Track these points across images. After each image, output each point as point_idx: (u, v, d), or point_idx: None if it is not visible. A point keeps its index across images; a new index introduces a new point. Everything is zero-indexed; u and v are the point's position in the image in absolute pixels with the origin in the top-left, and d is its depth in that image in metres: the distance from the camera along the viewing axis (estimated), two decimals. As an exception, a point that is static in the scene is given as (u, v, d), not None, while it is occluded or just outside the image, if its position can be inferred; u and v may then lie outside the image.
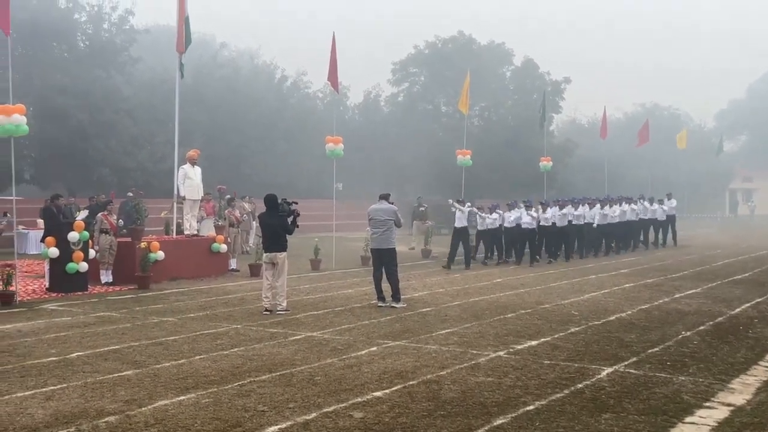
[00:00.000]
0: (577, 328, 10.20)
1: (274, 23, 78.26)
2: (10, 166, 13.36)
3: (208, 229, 18.65)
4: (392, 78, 45.11)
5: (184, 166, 17.18)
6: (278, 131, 40.48)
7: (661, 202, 26.34)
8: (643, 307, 12.26)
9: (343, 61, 20.20)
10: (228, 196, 21.65)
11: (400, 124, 44.07)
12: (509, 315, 11.32)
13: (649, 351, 8.73)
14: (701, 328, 10.30)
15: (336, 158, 20.17)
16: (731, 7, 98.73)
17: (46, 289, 14.18)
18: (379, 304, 12.29)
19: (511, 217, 20.39)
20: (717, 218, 52.20)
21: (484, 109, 44.35)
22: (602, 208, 23.26)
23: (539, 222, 20.50)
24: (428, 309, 11.99)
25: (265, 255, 11.95)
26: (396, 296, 12.32)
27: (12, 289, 12.63)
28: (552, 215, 20.57)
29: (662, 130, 50.70)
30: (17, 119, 12.66)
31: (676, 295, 13.68)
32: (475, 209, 20.76)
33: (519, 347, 8.90)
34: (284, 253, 11.82)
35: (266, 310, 11.55)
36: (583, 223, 22.12)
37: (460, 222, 18.93)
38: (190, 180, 17.04)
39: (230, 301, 12.99)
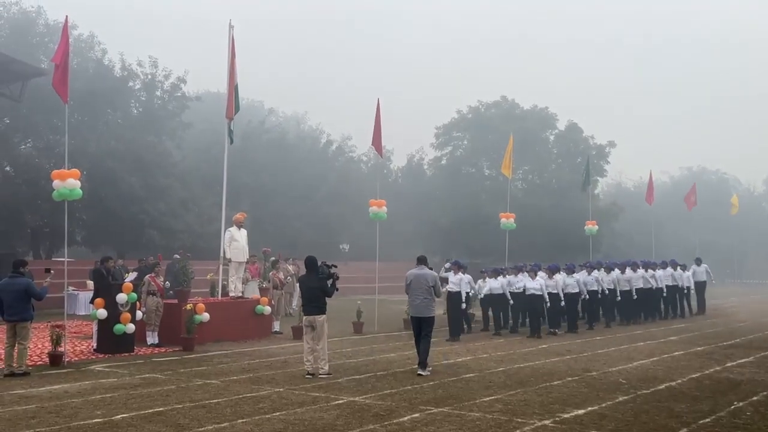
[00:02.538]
0: (625, 397, 9.96)
1: (320, 89, 79.99)
2: (63, 228, 13.77)
3: (253, 291, 18.82)
4: (435, 142, 45.57)
5: (230, 229, 17.50)
6: (322, 194, 41.04)
7: (684, 268, 24.51)
8: (694, 375, 11.93)
9: (386, 125, 20.53)
10: (272, 258, 21.88)
11: (443, 188, 44.29)
12: (555, 382, 11.11)
13: (700, 422, 8.48)
14: (754, 398, 9.98)
15: (379, 221, 20.33)
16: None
17: (94, 349, 14.39)
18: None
19: (495, 285, 18.85)
20: (769, 284, 50.80)
21: (527, 172, 44.40)
22: (622, 272, 21.64)
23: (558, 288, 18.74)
24: (472, 375, 11.84)
25: (304, 318, 11.99)
26: (424, 362, 11.90)
27: (61, 349, 12.85)
28: (558, 282, 18.76)
29: (710, 194, 50.00)
30: (72, 183, 13.12)
31: (728, 364, 13.28)
32: (469, 277, 18.38)
33: (565, 416, 8.72)
34: (323, 316, 11.82)
35: (308, 374, 11.53)
36: (595, 289, 20.39)
37: (454, 287, 17.71)
38: (236, 242, 17.34)
39: (273, 364, 13.00)
